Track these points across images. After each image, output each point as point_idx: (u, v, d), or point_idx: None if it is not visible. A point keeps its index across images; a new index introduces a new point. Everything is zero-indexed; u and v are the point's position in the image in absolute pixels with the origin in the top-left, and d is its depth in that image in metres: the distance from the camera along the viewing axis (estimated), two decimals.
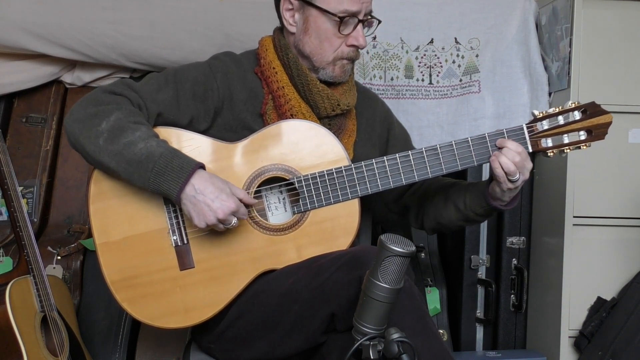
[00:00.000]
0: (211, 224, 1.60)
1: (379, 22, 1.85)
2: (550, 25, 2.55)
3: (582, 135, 1.72)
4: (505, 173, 1.67)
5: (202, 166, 1.63)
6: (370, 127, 1.96)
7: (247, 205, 1.67)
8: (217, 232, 1.68)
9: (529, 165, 1.70)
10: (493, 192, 1.76)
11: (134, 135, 1.61)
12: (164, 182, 1.59)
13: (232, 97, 1.79)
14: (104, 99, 1.68)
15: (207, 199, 1.59)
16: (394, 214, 2.04)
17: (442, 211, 1.89)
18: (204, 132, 1.77)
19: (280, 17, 1.84)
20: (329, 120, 1.82)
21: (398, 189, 1.92)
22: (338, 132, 1.81)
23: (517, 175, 1.68)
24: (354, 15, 1.76)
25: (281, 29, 1.87)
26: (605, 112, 1.72)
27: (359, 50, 1.82)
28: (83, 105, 1.67)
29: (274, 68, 1.81)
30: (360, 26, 1.78)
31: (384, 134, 2.00)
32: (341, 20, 1.75)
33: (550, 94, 2.57)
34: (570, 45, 2.40)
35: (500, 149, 1.69)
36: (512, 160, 1.66)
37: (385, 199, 2.01)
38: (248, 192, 1.71)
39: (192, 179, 1.59)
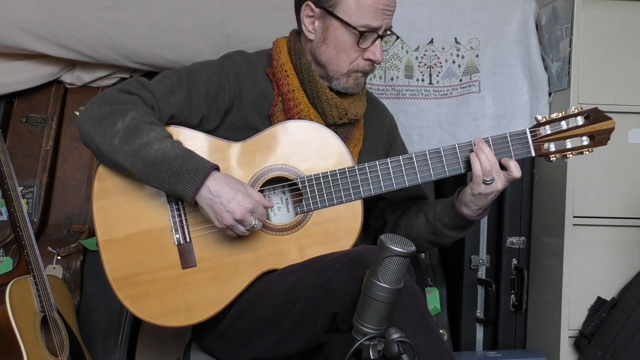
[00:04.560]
0: (229, 224, 1.60)
1: (397, 37, 1.84)
2: (550, 25, 2.55)
3: (585, 140, 1.73)
4: (483, 171, 1.68)
5: (216, 168, 1.63)
6: (377, 137, 1.96)
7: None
8: (220, 231, 1.68)
9: (503, 179, 1.71)
10: (463, 196, 1.77)
11: (149, 136, 1.61)
12: (178, 183, 1.60)
13: (242, 97, 1.79)
14: (119, 98, 1.68)
15: (223, 200, 1.59)
16: (373, 228, 2.04)
17: (413, 223, 1.89)
18: (212, 131, 1.77)
19: (299, 22, 1.83)
20: (336, 128, 1.82)
21: (382, 204, 1.95)
22: (344, 141, 1.80)
23: (491, 178, 1.69)
24: (374, 30, 1.75)
25: (298, 33, 1.86)
26: (608, 118, 1.72)
27: (374, 64, 1.82)
28: (98, 104, 1.67)
29: (285, 71, 1.81)
30: (378, 41, 1.77)
31: (386, 147, 2.00)
32: (361, 34, 1.74)
33: (550, 94, 2.57)
34: (570, 45, 2.40)
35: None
36: (490, 160, 1.68)
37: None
38: None
39: (207, 181, 1.60)
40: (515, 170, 1.71)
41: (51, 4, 2.47)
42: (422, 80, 2.66)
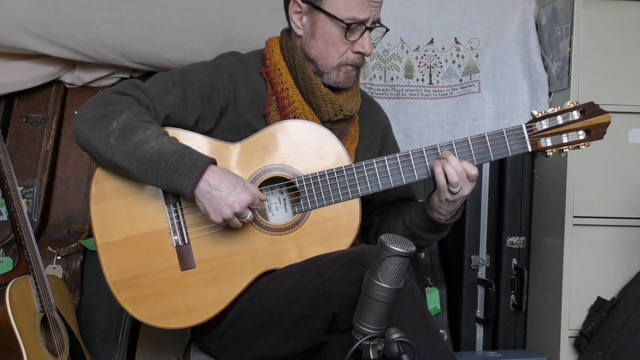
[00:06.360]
0: (228, 218, 1.60)
1: (387, 30, 1.84)
2: (550, 25, 2.55)
3: (581, 134, 1.73)
4: (448, 182, 1.68)
5: (214, 162, 1.63)
6: (372, 134, 1.97)
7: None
8: (218, 232, 1.69)
9: (471, 186, 1.71)
10: (432, 202, 1.77)
11: (145, 134, 1.61)
12: (177, 179, 1.60)
13: (237, 97, 1.79)
14: (113, 99, 1.68)
15: (222, 193, 1.59)
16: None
17: (392, 226, 1.90)
18: (208, 132, 1.77)
19: (288, 19, 1.84)
20: (332, 124, 1.82)
21: (370, 206, 1.95)
22: (340, 137, 1.80)
23: (458, 188, 1.69)
24: (361, 22, 1.75)
25: (289, 31, 1.87)
26: (603, 112, 1.72)
27: (365, 57, 1.82)
28: (92, 106, 1.68)
29: (279, 69, 1.81)
30: (367, 33, 1.77)
31: (380, 145, 2.00)
32: (348, 27, 1.74)
33: (550, 94, 2.57)
34: (570, 45, 2.40)
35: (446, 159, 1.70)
36: (456, 170, 1.68)
37: None
38: None
39: (205, 175, 1.60)
40: (471, 169, 1.70)
41: (51, 4, 2.47)
42: (422, 80, 2.66)
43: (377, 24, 1.81)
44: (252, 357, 1.73)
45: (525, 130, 1.72)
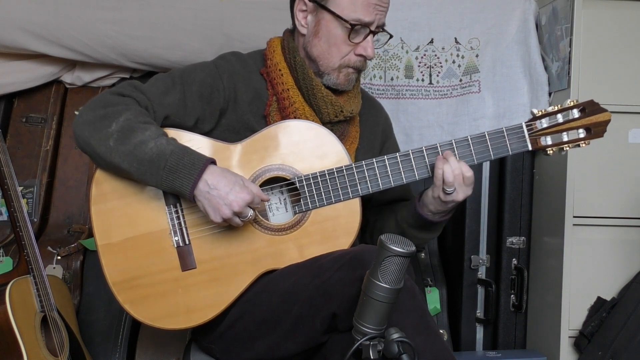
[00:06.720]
0: (227, 217, 1.60)
1: (391, 36, 1.84)
2: (550, 25, 2.55)
3: (581, 133, 1.73)
4: (443, 180, 1.68)
5: (213, 161, 1.63)
6: (372, 135, 1.96)
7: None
8: (219, 232, 1.69)
9: (466, 190, 1.71)
10: (425, 196, 1.78)
11: (144, 135, 1.61)
12: (176, 179, 1.60)
13: (237, 97, 1.79)
14: (112, 101, 1.68)
15: (221, 192, 1.59)
16: None
17: (385, 224, 1.90)
18: (208, 133, 1.77)
19: (293, 17, 1.84)
20: (332, 125, 1.82)
21: (369, 206, 1.94)
22: (341, 138, 1.80)
23: (452, 189, 1.68)
24: (366, 25, 1.75)
25: (291, 32, 1.87)
26: (603, 110, 1.73)
27: (366, 60, 1.82)
28: (91, 108, 1.68)
29: (280, 70, 1.81)
30: (370, 37, 1.77)
31: (380, 145, 2.00)
32: (352, 28, 1.74)
33: (550, 94, 2.58)
34: (570, 45, 2.40)
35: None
36: (453, 171, 1.68)
37: None
38: None
39: (204, 175, 1.59)
40: (467, 171, 1.70)
41: (51, 4, 2.47)
42: (422, 80, 2.66)
43: (382, 29, 1.81)
44: (252, 357, 1.73)
45: (525, 128, 1.72)
